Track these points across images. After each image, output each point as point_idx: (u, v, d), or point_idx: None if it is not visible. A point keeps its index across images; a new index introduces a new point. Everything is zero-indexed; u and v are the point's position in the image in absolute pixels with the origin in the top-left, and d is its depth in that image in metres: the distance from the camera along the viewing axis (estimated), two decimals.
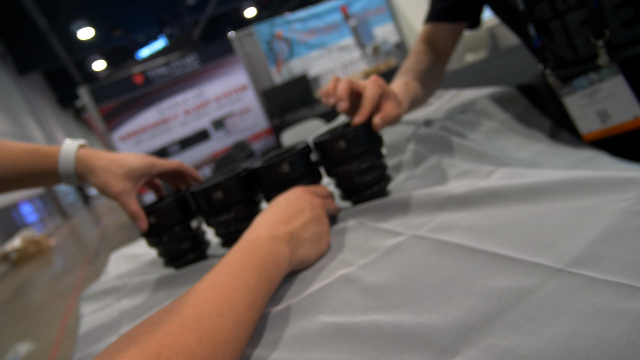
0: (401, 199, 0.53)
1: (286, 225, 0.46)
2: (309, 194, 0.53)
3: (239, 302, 0.35)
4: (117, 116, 5.22)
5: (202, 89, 5.64)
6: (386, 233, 0.48)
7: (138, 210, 0.60)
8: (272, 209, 0.50)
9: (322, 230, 0.50)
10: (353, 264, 0.44)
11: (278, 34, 6.26)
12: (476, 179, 0.52)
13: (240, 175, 0.59)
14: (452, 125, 0.77)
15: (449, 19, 0.86)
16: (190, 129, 5.57)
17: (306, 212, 0.49)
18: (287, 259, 0.43)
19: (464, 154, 0.65)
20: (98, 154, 0.63)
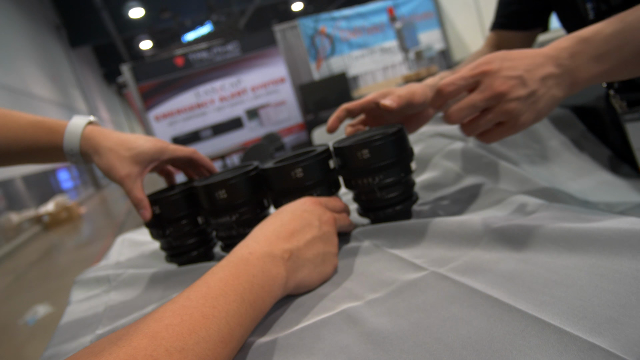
0: (426, 224, 0.45)
1: (287, 242, 0.40)
2: (319, 207, 0.46)
3: (210, 334, 0.28)
4: (155, 96, 5.31)
5: (240, 77, 5.66)
6: (404, 264, 0.41)
7: (142, 197, 0.55)
8: (273, 220, 0.43)
9: (328, 251, 0.43)
10: (360, 297, 0.38)
11: (322, 29, 6.21)
12: (519, 213, 0.44)
13: (249, 175, 0.53)
14: (493, 143, 0.69)
15: (519, 26, 0.77)
16: (224, 116, 5.61)
17: (312, 228, 0.43)
18: (281, 282, 0.37)
19: (506, 178, 0.57)
20: (106, 133, 0.59)
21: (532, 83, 0.41)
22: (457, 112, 0.43)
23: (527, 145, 0.69)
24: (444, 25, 6.61)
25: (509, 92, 0.41)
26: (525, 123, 0.43)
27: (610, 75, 0.44)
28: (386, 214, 0.51)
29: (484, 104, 0.42)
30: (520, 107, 0.41)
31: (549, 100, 0.43)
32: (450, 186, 0.61)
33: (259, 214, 0.54)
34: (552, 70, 0.42)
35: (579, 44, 0.43)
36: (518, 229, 0.38)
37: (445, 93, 0.44)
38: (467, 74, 0.44)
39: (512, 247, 0.37)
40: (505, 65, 0.42)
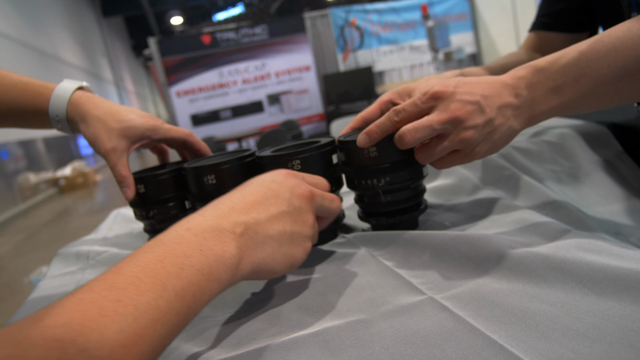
0: (431, 238, 0.40)
1: (243, 214, 0.33)
2: (293, 178, 0.38)
3: (105, 338, 0.22)
4: (179, 72, 5.30)
5: (265, 61, 5.62)
6: (399, 283, 0.36)
7: (127, 174, 0.51)
8: (233, 192, 0.36)
9: (298, 230, 0.35)
10: (343, 315, 0.33)
11: (352, 21, 6.11)
12: (539, 238, 0.38)
13: (243, 161, 0.48)
14: (517, 155, 0.63)
15: (564, 27, 0.71)
16: (246, 98, 5.58)
17: (280, 201, 0.35)
18: (230, 263, 0.30)
19: (528, 195, 0.51)
20: (96, 101, 0.54)
21: (489, 111, 0.39)
22: (412, 132, 0.40)
23: (555, 161, 0.62)
24: (477, 28, 6.44)
25: (467, 119, 0.39)
26: (479, 153, 0.40)
27: (570, 108, 0.40)
28: (389, 222, 0.46)
29: (441, 127, 0.39)
30: (477, 137, 0.39)
31: (505, 131, 0.40)
32: (464, 197, 0.55)
33: None
34: (510, 100, 0.40)
35: (535, 74, 0.40)
36: (536, 258, 0.33)
37: (396, 120, 0.42)
38: (419, 99, 0.41)
39: (527, 279, 0.32)
40: (461, 89, 0.39)
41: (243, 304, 0.38)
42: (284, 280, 0.41)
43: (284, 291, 0.39)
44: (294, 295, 0.38)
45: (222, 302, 0.39)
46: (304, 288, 0.39)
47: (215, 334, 0.34)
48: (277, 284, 0.41)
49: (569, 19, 0.71)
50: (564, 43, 0.70)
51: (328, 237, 0.48)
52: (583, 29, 0.71)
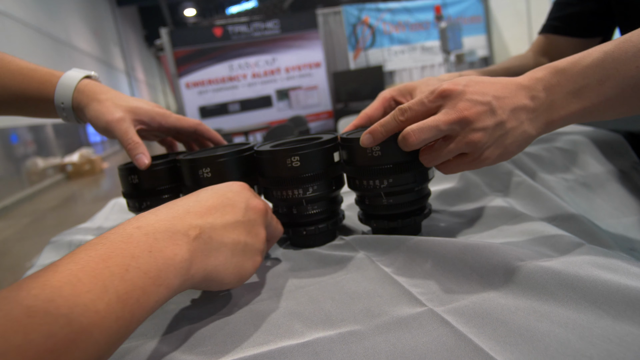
0: (434, 245, 0.38)
1: (199, 217, 0.31)
2: (248, 191, 0.38)
3: (31, 341, 0.19)
4: (189, 63, 5.29)
5: (276, 56, 5.60)
6: (398, 291, 0.34)
7: (139, 140, 0.48)
8: (189, 196, 0.35)
9: (251, 243, 0.35)
10: (336, 325, 0.30)
11: (365, 19, 6.07)
12: (551, 251, 0.36)
13: (241, 155, 0.46)
14: (527, 161, 0.60)
15: (575, 32, 0.68)
16: (255, 92, 5.57)
17: (237, 210, 0.34)
18: (181, 267, 0.28)
19: (538, 204, 0.49)
20: (103, 88, 0.53)
21: (501, 113, 0.36)
22: (418, 133, 0.37)
23: (567, 169, 0.60)
24: (490, 32, 6.37)
25: (475, 120, 0.36)
26: (489, 158, 0.38)
27: (592, 114, 0.37)
28: (391, 225, 0.43)
29: (447, 127, 0.37)
30: (486, 139, 0.36)
31: (519, 136, 0.37)
32: (470, 203, 0.53)
33: None
34: (526, 102, 0.37)
35: (554, 75, 0.37)
36: (546, 273, 0.30)
37: (401, 119, 0.39)
38: (426, 98, 0.38)
39: (535, 296, 0.29)
40: (472, 88, 0.37)
41: (231, 306, 0.36)
42: (276, 282, 0.39)
43: (275, 294, 0.37)
44: (286, 299, 0.36)
45: (209, 303, 0.37)
46: (297, 291, 0.37)
47: (200, 337, 0.32)
48: (269, 286, 0.39)
49: (580, 23, 0.68)
50: (574, 48, 0.68)
51: (326, 238, 0.46)
52: (594, 34, 0.68)
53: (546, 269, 0.30)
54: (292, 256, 0.44)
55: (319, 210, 0.44)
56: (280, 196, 0.44)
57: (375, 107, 0.53)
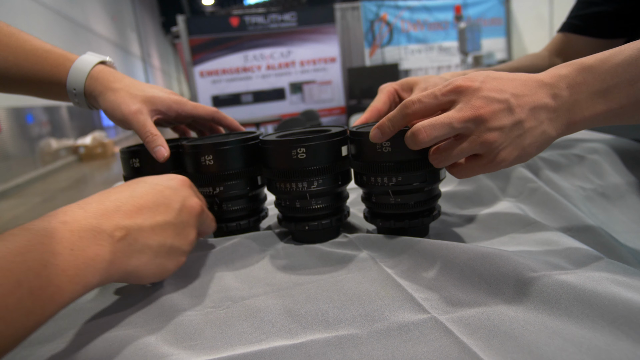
0: (442, 250, 0.36)
1: (128, 217, 0.31)
2: (187, 189, 0.38)
3: None
4: (204, 52, 5.29)
5: (291, 49, 5.57)
6: (401, 296, 0.32)
7: (157, 132, 0.47)
8: (123, 188, 0.34)
9: (178, 245, 0.35)
10: (333, 328, 0.29)
11: (383, 16, 6.01)
12: (566, 263, 0.34)
13: (246, 143, 0.45)
14: (543, 167, 0.58)
15: (596, 32, 0.64)
16: (268, 85, 5.55)
17: (169, 211, 0.34)
18: (100, 267, 0.28)
19: (553, 213, 0.46)
20: (117, 75, 0.51)
21: (519, 111, 0.33)
22: (429, 129, 0.35)
23: (585, 178, 0.57)
24: (510, 34, 6.27)
25: (491, 118, 0.33)
26: (506, 160, 0.35)
27: (619, 117, 0.34)
28: (397, 225, 0.42)
29: (461, 125, 0.34)
30: (502, 140, 0.34)
31: (538, 137, 0.34)
32: (482, 207, 0.51)
33: (249, 192, 0.46)
34: (547, 101, 0.34)
35: (580, 72, 0.34)
36: (561, 287, 0.28)
37: (409, 112, 0.36)
38: (439, 91, 0.36)
39: (548, 310, 0.27)
40: (489, 85, 0.34)
41: (225, 299, 0.34)
42: (273, 277, 0.38)
43: (272, 290, 0.35)
44: (282, 296, 0.34)
45: (202, 294, 0.35)
46: (294, 289, 0.35)
47: (190, 330, 0.30)
48: (266, 281, 0.37)
49: (602, 24, 0.65)
50: (592, 50, 0.65)
51: (328, 235, 0.45)
52: (617, 36, 0.65)
53: (561, 282, 0.28)
54: (292, 251, 0.42)
55: (322, 206, 0.43)
56: (283, 188, 0.42)
57: (383, 101, 0.51)
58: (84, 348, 0.29)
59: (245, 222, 0.47)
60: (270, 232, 0.47)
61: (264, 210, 0.50)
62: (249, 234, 0.45)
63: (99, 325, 0.32)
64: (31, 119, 5.32)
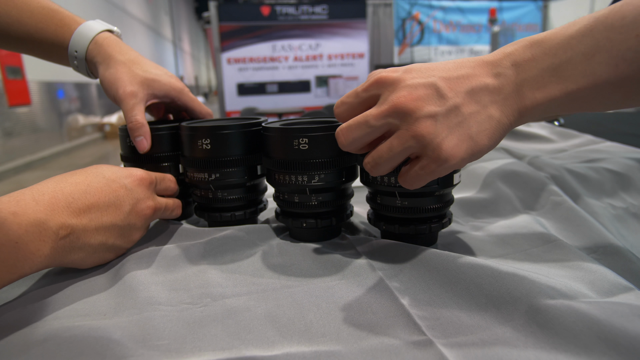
0: (448, 264, 0.32)
1: (75, 216, 0.32)
2: (143, 189, 0.38)
3: None
4: (233, 39, 5.29)
5: (320, 42, 5.53)
6: (396, 311, 0.29)
7: (144, 122, 0.45)
8: (79, 178, 0.35)
9: (119, 244, 0.37)
10: (313, 340, 0.26)
11: (415, 15, 5.91)
12: (589, 291, 0.30)
13: (248, 129, 0.42)
14: (570, 179, 0.53)
15: None
16: (294, 76, 5.53)
17: (118, 213, 0.36)
18: (38, 262, 0.30)
19: (578, 232, 0.42)
20: (123, 47, 0.49)
21: (452, 95, 0.29)
22: (346, 131, 0.31)
23: (616, 195, 0.52)
24: None
25: (417, 107, 0.28)
26: (454, 156, 0.28)
27: (579, 101, 0.28)
28: (402, 231, 0.38)
29: (381, 122, 0.30)
30: (438, 130, 0.28)
31: (485, 122, 0.29)
32: (498, 217, 0.46)
33: (247, 181, 0.43)
34: (487, 80, 0.29)
35: (528, 48, 0.29)
36: (582, 319, 0.24)
37: (337, 115, 0.34)
38: (360, 87, 0.32)
39: (564, 346, 0.23)
40: (412, 73, 0.30)
41: (203, 295, 0.32)
42: (261, 276, 0.34)
43: (256, 290, 0.32)
44: (266, 298, 0.31)
45: (181, 287, 0.33)
46: (281, 291, 0.32)
47: (159, 327, 0.28)
48: (251, 280, 0.34)
49: None
50: None
51: (327, 234, 0.41)
52: None
53: (582, 314, 0.24)
54: (286, 249, 0.39)
55: (323, 202, 0.39)
56: (282, 181, 0.39)
57: None
58: (44, 336, 0.27)
59: (240, 213, 0.44)
60: (267, 226, 0.44)
61: (263, 202, 0.47)
62: (244, 227, 0.42)
63: (66, 310, 0.30)
64: (62, 94, 5.43)
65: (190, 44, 16.30)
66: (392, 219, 0.39)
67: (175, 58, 12.66)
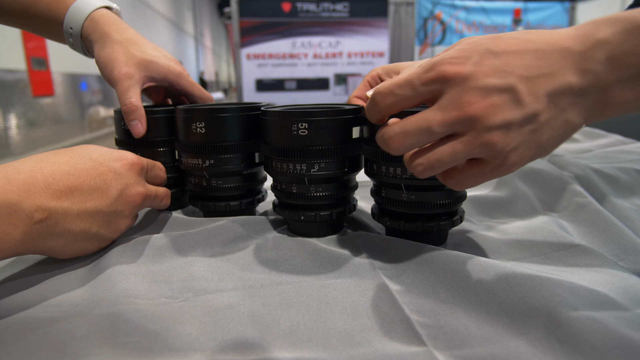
0: (457, 265, 0.29)
1: (54, 198, 0.29)
2: (133, 175, 0.35)
3: None
4: (253, 34, 5.29)
5: (340, 40, 5.48)
6: (394, 315, 0.25)
7: (139, 104, 0.43)
8: (64, 157, 0.32)
9: (104, 233, 0.33)
10: (298, 346, 0.23)
11: (438, 14, 5.82)
12: (618, 296, 0.26)
13: (246, 113, 0.39)
14: (596, 179, 0.49)
15: None
16: (313, 73, 5.50)
17: (104, 198, 0.32)
18: (7, 248, 0.27)
19: (603, 236, 0.38)
20: (121, 25, 0.47)
21: (531, 101, 0.24)
22: (402, 137, 0.25)
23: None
24: None
25: (490, 115, 0.23)
26: (518, 164, 0.25)
27: None
28: (408, 227, 0.35)
29: (445, 129, 0.25)
30: (509, 140, 0.24)
31: (559, 128, 0.24)
32: (515, 218, 0.43)
33: (243, 169, 0.40)
34: (572, 80, 0.24)
35: (628, 36, 0.23)
36: (607, 335, 0.21)
37: (381, 107, 0.27)
38: (417, 78, 0.25)
39: None
40: (487, 67, 0.24)
41: (184, 289, 0.29)
42: (251, 270, 0.32)
43: (243, 286, 0.29)
44: (253, 295, 0.28)
45: (163, 280, 0.30)
46: (270, 288, 0.29)
47: (130, 323, 0.25)
48: (240, 274, 0.31)
49: None
50: None
51: (327, 229, 0.38)
52: None
53: (610, 330, 0.21)
54: (282, 243, 0.36)
55: (323, 194, 0.36)
56: (279, 169, 0.36)
57: (360, 89, 0.44)
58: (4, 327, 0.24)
59: (236, 204, 0.41)
60: (264, 218, 0.41)
61: (262, 192, 0.44)
62: (239, 218, 0.39)
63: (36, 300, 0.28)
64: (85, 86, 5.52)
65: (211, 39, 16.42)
66: (398, 214, 0.35)
67: (197, 53, 12.77)
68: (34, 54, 4.18)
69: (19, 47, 3.93)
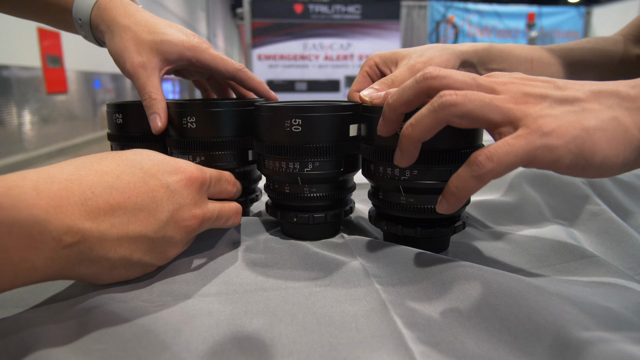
0: (457, 276, 0.27)
1: (92, 217, 0.24)
2: (193, 193, 0.29)
3: None
4: (265, 35, 5.31)
5: (352, 42, 5.47)
6: (385, 329, 0.23)
7: (159, 97, 0.39)
8: (112, 166, 0.26)
9: (148, 262, 0.28)
10: (274, 357, 0.21)
11: (450, 18, 5.77)
12: (635, 315, 0.23)
13: (241, 108, 0.37)
14: (610, 186, 0.46)
15: None
16: (324, 75, 5.49)
17: (152, 221, 0.27)
18: (25, 276, 0.22)
19: (618, 248, 0.35)
20: (129, 8, 0.43)
21: (572, 89, 0.25)
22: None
23: None
24: None
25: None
26: (556, 132, 0.23)
27: None
28: (406, 233, 0.32)
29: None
30: (544, 107, 0.24)
31: (608, 123, 0.23)
32: (523, 225, 0.40)
33: (236, 167, 0.38)
34: (620, 88, 0.25)
35: None
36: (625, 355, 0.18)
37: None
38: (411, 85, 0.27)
39: None
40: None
41: (164, 293, 0.27)
42: (237, 275, 0.30)
43: (227, 290, 0.28)
44: (235, 301, 0.26)
45: (143, 282, 0.28)
46: (254, 294, 0.27)
47: (102, 331, 0.23)
48: (224, 277, 0.29)
49: None
50: None
51: (321, 232, 0.36)
52: None
53: (626, 354, 0.18)
54: (273, 246, 0.34)
55: (317, 195, 0.34)
56: (272, 167, 0.34)
57: (359, 81, 0.42)
58: None
59: None
60: (256, 219, 0.39)
61: (255, 192, 0.42)
62: None
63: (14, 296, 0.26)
64: (98, 84, 5.57)
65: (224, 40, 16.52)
66: (396, 218, 0.33)
67: None
68: (49, 51, 4.23)
69: (35, 45, 3.98)
